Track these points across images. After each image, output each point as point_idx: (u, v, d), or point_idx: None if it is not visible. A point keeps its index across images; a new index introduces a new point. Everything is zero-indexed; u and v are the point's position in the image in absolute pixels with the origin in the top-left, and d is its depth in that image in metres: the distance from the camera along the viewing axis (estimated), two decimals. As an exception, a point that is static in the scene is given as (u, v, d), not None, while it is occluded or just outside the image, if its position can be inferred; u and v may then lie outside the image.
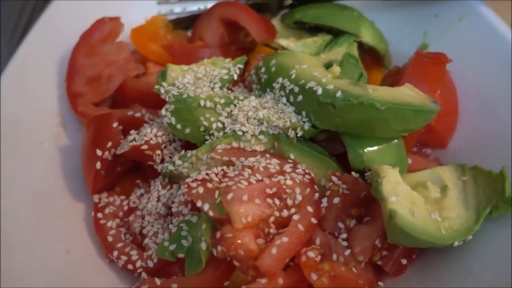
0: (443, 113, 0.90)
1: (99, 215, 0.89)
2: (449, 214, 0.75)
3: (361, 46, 1.05)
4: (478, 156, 0.88)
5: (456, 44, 1.00)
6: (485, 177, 0.79)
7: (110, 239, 0.86)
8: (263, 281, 0.69)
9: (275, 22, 1.10)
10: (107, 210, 0.90)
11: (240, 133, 0.84)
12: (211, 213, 0.72)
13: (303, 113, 0.83)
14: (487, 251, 0.74)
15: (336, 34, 1.05)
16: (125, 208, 0.91)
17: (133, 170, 0.97)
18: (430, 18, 1.08)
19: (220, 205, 0.71)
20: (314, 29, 1.08)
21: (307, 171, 0.80)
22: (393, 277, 0.78)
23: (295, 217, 0.74)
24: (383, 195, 0.71)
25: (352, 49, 1.00)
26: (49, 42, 1.06)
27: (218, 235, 0.72)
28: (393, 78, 0.98)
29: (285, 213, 0.75)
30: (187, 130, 0.85)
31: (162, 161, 0.89)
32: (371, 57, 1.10)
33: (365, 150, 0.80)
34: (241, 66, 0.94)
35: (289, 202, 0.75)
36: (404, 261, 0.78)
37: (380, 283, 0.78)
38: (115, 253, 0.84)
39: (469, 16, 1.00)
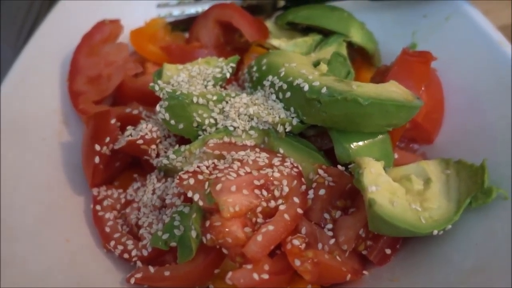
0: (429, 110, 0.94)
1: (98, 207, 0.93)
2: (430, 205, 0.78)
3: (351, 46, 1.08)
4: (464, 151, 0.89)
5: (443, 43, 1.03)
6: (467, 170, 0.81)
7: (107, 229, 0.90)
8: (249, 266, 0.72)
9: (269, 23, 1.13)
10: (105, 203, 0.93)
11: (231, 128, 0.87)
12: (201, 203, 0.76)
13: (292, 109, 0.87)
14: (467, 240, 0.76)
15: (327, 34, 1.08)
16: (123, 200, 0.94)
17: (132, 166, 1.00)
18: (419, 18, 1.10)
19: (210, 195, 0.75)
20: (306, 30, 1.11)
21: (295, 165, 0.82)
22: (377, 266, 0.81)
23: (282, 207, 0.77)
24: (364, 185, 0.74)
25: (341, 48, 1.02)
26: (52, 43, 1.10)
27: (207, 224, 0.75)
28: (382, 76, 1.00)
29: (272, 203, 0.78)
30: (181, 126, 0.89)
31: (158, 155, 0.93)
32: (361, 56, 1.12)
33: (351, 145, 0.83)
34: (234, 65, 0.97)
35: (277, 193, 0.78)
36: (388, 251, 0.81)
37: (364, 272, 0.80)
38: (112, 243, 0.88)
39: (455, 15, 1.03)
